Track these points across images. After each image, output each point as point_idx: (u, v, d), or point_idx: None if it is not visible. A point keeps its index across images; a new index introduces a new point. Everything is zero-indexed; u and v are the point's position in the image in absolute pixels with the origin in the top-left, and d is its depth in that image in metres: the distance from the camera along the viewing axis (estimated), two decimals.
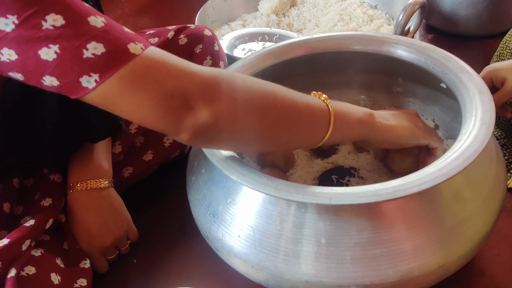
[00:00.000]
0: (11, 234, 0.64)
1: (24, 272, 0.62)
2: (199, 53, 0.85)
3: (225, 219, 0.61)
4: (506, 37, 0.92)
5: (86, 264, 0.70)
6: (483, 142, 0.55)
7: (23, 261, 0.63)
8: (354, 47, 0.79)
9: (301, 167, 0.81)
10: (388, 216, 0.54)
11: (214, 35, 0.89)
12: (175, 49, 0.85)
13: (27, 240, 0.64)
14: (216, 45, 0.87)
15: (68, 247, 0.71)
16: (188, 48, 0.85)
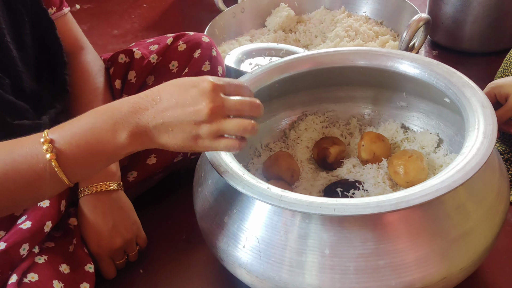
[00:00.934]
0: (8, 238, 0.65)
1: (27, 279, 0.63)
2: (198, 58, 0.86)
3: (230, 229, 0.62)
4: (510, 54, 0.93)
5: (91, 268, 0.71)
6: (485, 155, 0.56)
7: (25, 268, 0.64)
8: (359, 62, 0.80)
9: (306, 180, 0.82)
10: (391, 228, 0.55)
11: (212, 42, 0.90)
12: (175, 54, 0.87)
13: (25, 244, 0.65)
14: (214, 51, 0.89)
15: (73, 248, 0.71)
16: (187, 54, 0.87)
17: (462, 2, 1.20)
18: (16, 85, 0.71)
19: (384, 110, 0.90)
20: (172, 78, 0.84)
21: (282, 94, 0.87)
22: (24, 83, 0.72)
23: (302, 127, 0.90)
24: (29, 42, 0.73)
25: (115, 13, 1.77)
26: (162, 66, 0.86)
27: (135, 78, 0.84)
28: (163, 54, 0.87)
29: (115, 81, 0.84)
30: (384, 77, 0.82)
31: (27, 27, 0.73)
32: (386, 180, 0.78)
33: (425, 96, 0.83)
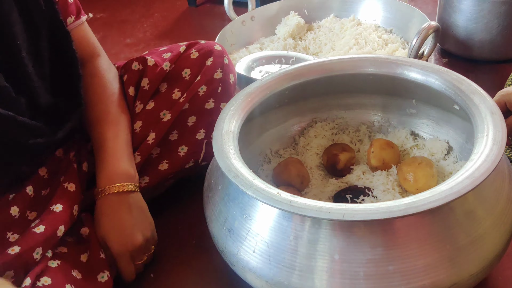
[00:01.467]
0: (22, 241, 0.66)
1: (40, 282, 0.64)
2: (210, 66, 0.88)
3: (240, 234, 0.63)
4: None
5: (104, 278, 0.71)
6: (495, 162, 0.56)
7: (38, 271, 0.65)
8: (369, 69, 0.81)
9: (316, 186, 0.83)
10: (400, 233, 0.55)
11: (224, 50, 0.92)
12: (187, 62, 0.88)
13: (38, 248, 0.66)
14: (226, 59, 0.90)
15: (87, 258, 0.72)
16: (199, 61, 0.88)
17: (472, 10, 1.20)
18: (31, 101, 0.72)
19: (394, 117, 0.90)
20: (185, 86, 0.88)
21: (292, 101, 0.88)
22: (40, 98, 0.73)
23: (311, 133, 0.90)
24: (46, 56, 0.74)
25: (128, 22, 1.80)
26: (175, 73, 0.88)
27: (148, 85, 0.86)
28: (176, 61, 0.88)
29: (129, 88, 0.86)
30: (393, 84, 0.82)
31: (44, 40, 0.74)
32: (396, 186, 0.78)
33: (435, 103, 0.83)
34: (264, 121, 0.87)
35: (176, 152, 0.87)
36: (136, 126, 0.84)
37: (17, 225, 0.70)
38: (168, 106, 0.86)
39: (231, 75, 0.91)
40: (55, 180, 0.77)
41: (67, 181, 0.76)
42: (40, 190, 0.75)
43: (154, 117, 0.85)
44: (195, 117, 0.87)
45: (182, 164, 0.87)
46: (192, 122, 0.87)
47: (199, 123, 0.87)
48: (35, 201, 0.74)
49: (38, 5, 0.72)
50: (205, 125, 0.87)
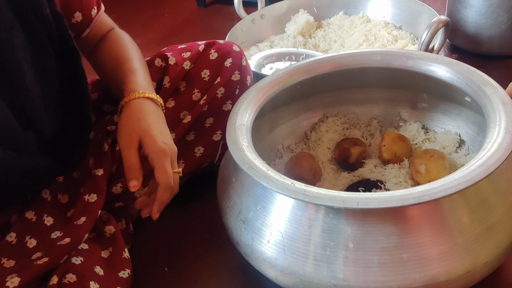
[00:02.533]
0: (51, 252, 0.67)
1: (66, 279, 0.65)
2: (229, 67, 0.88)
3: (255, 225, 0.64)
4: None
5: (125, 274, 0.72)
6: (508, 150, 0.56)
7: (64, 268, 0.66)
8: (379, 62, 0.82)
9: (328, 180, 0.83)
10: (414, 221, 0.56)
11: (242, 51, 0.92)
12: (206, 63, 0.89)
13: (65, 256, 0.68)
14: (243, 61, 0.91)
15: (109, 254, 0.73)
16: (218, 63, 0.89)
17: (481, 5, 1.20)
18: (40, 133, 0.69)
19: (405, 111, 0.90)
20: (204, 86, 0.89)
21: (303, 96, 0.89)
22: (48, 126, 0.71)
23: (323, 128, 0.91)
24: (54, 76, 0.70)
25: (137, 23, 1.81)
26: (194, 73, 0.88)
27: (169, 84, 0.86)
28: (195, 61, 0.89)
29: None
30: (404, 78, 0.83)
31: (52, 60, 0.69)
32: (408, 179, 0.79)
33: (446, 97, 0.83)
34: (275, 116, 0.88)
35: (192, 152, 0.88)
36: None
37: (33, 229, 0.71)
38: (188, 107, 0.87)
39: (248, 76, 0.92)
40: (73, 187, 0.77)
41: (87, 193, 0.76)
42: (57, 194, 0.76)
43: (175, 118, 0.86)
44: (212, 118, 0.88)
45: (198, 165, 0.88)
46: (209, 124, 0.88)
47: (216, 124, 0.88)
48: (52, 206, 0.74)
49: (46, 23, 0.67)
50: (222, 126, 0.86)
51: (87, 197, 0.75)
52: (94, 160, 0.79)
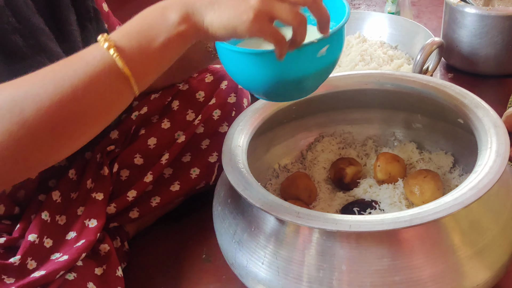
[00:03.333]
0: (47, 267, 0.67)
1: None
2: (225, 90, 0.89)
3: (249, 246, 0.64)
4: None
5: None
6: (498, 173, 0.57)
7: (58, 284, 0.67)
8: (373, 84, 0.83)
9: (323, 200, 0.84)
10: (406, 244, 0.56)
11: None
12: (201, 85, 0.90)
13: (62, 271, 0.68)
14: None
15: (102, 272, 0.73)
16: (214, 85, 0.90)
17: (476, 26, 1.22)
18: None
19: (400, 131, 0.91)
20: (199, 107, 0.89)
21: (299, 116, 0.90)
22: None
23: (319, 148, 0.92)
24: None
25: None
26: (188, 93, 0.89)
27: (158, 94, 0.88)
28: (190, 83, 0.90)
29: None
30: (398, 99, 0.84)
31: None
32: (402, 199, 0.79)
33: (440, 117, 0.84)
34: (272, 136, 0.89)
35: (188, 173, 0.88)
36: (150, 143, 0.86)
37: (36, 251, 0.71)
38: (183, 127, 0.88)
39: (245, 99, 0.93)
40: (70, 208, 0.78)
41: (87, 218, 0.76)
42: (55, 215, 0.76)
43: (169, 138, 0.87)
44: (209, 140, 0.89)
45: (193, 186, 0.89)
46: (205, 145, 0.89)
47: (212, 146, 0.89)
48: (51, 227, 0.74)
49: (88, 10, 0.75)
50: (218, 148, 0.87)
51: (87, 222, 0.76)
52: (93, 183, 0.80)
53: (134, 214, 0.84)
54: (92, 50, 0.51)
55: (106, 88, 0.50)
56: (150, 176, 0.84)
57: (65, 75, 0.49)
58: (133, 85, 0.51)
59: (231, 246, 0.67)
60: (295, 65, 0.56)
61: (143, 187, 0.83)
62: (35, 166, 0.53)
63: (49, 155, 0.52)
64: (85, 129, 0.52)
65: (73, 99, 0.49)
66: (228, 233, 0.68)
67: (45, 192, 0.79)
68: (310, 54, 0.56)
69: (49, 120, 0.48)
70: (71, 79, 0.49)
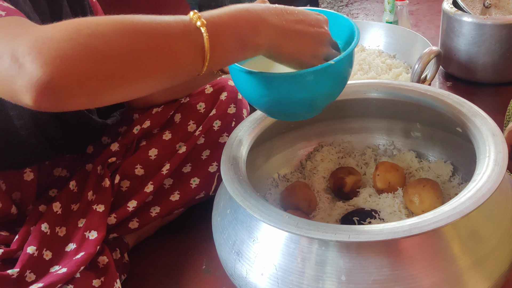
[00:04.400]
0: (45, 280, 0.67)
1: None
2: (224, 100, 0.90)
3: (249, 257, 0.64)
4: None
5: None
6: (496, 182, 0.57)
7: None
8: (372, 94, 0.83)
9: (323, 210, 0.84)
10: (406, 254, 0.56)
11: None
12: (202, 96, 0.90)
13: (60, 284, 0.68)
14: (239, 95, 0.93)
15: (100, 284, 0.73)
16: (214, 96, 0.91)
17: (473, 34, 1.23)
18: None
19: (399, 140, 0.91)
20: (200, 118, 0.90)
21: (299, 125, 0.90)
22: None
23: (318, 157, 0.92)
24: None
25: None
26: (189, 105, 0.90)
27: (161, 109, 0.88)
28: (190, 94, 0.91)
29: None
30: (397, 108, 0.84)
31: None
32: (402, 208, 0.79)
33: (438, 126, 0.84)
34: (271, 146, 0.89)
35: (188, 183, 0.88)
36: (151, 153, 0.86)
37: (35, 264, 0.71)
38: (184, 138, 0.88)
39: (244, 110, 0.93)
40: (71, 219, 0.78)
41: (88, 230, 0.77)
42: (55, 227, 0.76)
43: (170, 149, 0.87)
44: (209, 150, 0.89)
45: (193, 196, 0.89)
46: (206, 156, 0.89)
47: (212, 156, 0.89)
48: (50, 239, 0.75)
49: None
50: (218, 158, 0.88)
51: (87, 233, 0.76)
52: (94, 194, 0.80)
53: (133, 225, 0.84)
54: (183, 20, 0.53)
55: (181, 53, 0.52)
56: (150, 186, 0.84)
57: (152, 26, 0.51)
58: (205, 65, 0.54)
59: (231, 257, 0.66)
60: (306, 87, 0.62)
61: (144, 197, 0.83)
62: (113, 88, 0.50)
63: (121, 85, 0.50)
64: (146, 74, 0.51)
65: (149, 46, 0.50)
66: (227, 244, 0.68)
67: (46, 202, 0.79)
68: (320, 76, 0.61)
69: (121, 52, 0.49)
70: (156, 31, 0.51)
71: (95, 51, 0.47)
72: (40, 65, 0.45)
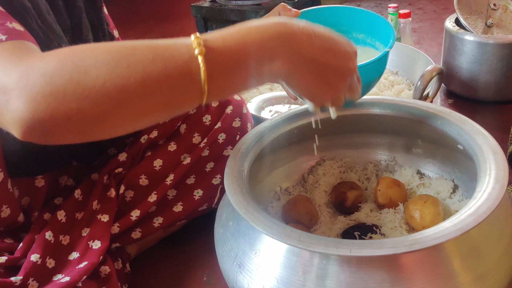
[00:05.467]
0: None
1: None
2: (230, 114, 0.91)
3: (250, 269, 0.64)
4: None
5: None
6: (497, 200, 0.58)
7: None
8: (375, 110, 0.84)
9: (324, 224, 0.84)
10: (406, 269, 0.57)
11: (243, 100, 0.96)
12: (208, 109, 0.92)
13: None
14: (244, 109, 0.94)
15: None
16: (220, 109, 0.92)
17: (475, 53, 1.24)
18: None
19: (400, 156, 0.92)
20: (205, 131, 0.91)
21: (301, 140, 0.91)
22: None
23: (320, 171, 0.93)
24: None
25: None
26: (195, 117, 0.91)
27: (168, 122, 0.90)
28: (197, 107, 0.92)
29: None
30: (399, 125, 0.85)
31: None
32: (403, 224, 0.79)
33: (440, 143, 0.85)
34: (274, 159, 0.90)
35: (191, 195, 0.89)
36: (156, 164, 0.87)
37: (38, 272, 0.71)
38: (189, 150, 0.89)
39: (249, 124, 0.95)
40: (74, 228, 0.79)
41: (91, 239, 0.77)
42: (58, 235, 0.77)
43: (175, 160, 0.88)
44: (213, 163, 0.90)
45: (196, 208, 0.90)
46: (210, 168, 0.90)
47: (216, 168, 0.90)
48: (54, 247, 0.75)
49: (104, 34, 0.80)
50: (221, 170, 0.88)
51: (91, 243, 0.76)
52: (99, 204, 0.81)
53: (136, 235, 0.85)
54: (181, 47, 0.47)
55: (177, 87, 0.47)
56: (154, 196, 0.85)
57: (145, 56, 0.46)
58: (204, 98, 0.49)
59: (232, 269, 0.67)
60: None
61: (147, 207, 0.84)
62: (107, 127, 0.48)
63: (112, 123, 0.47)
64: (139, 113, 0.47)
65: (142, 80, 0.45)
66: (229, 256, 0.68)
67: (51, 211, 0.79)
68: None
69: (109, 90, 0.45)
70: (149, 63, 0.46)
71: (80, 87, 0.43)
72: (23, 102, 0.43)
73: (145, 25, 2.13)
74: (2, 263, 0.70)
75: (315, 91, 0.55)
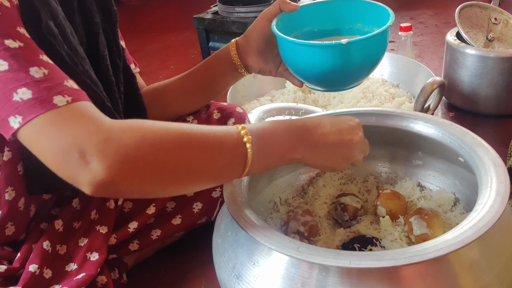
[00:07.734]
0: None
1: None
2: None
3: (248, 281, 0.64)
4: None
5: None
6: (498, 212, 0.57)
7: None
8: (375, 121, 0.84)
9: (324, 236, 0.83)
10: (407, 281, 0.56)
11: (245, 112, 0.96)
12: (210, 121, 0.91)
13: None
14: (246, 121, 0.94)
15: None
16: (222, 122, 0.92)
17: (476, 66, 1.24)
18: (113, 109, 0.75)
19: (401, 169, 0.92)
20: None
21: None
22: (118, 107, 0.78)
23: (320, 183, 0.92)
24: (122, 89, 0.81)
25: (143, 74, 1.86)
26: None
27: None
28: (198, 117, 0.92)
29: None
30: (399, 137, 0.85)
31: (121, 77, 0.82)
32: (403, 237, 0.79)
33: (440, 155, 0.85)
34: (273, 170, 0.89)
35: (190, 208, 0.89)
36: None
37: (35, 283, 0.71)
38: None
39: None
40: (72, 237, 0.78)
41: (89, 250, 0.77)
42: (55, 245, 0.76)
43: None
44: None
45: (195, 220, 0.89)
46: None
47: None
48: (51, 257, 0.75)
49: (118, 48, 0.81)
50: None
51: (88, 254, 0.76)
52: (98, 214, 0.80)
53: (133, 247, 0.84)
54: (232, 138, 0.59)
55: (226, 169, 0.60)
56: (153, 208, 0.84)
57: (211, 146, 0.58)
58: (248, 167, 0.61)
59: (230, 280, 0.66)
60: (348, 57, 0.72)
61: (145, 219, 0.84)
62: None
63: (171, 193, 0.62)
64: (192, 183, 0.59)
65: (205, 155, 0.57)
66: (227, 267, 0.67)
67: (48, 220, 0.79)
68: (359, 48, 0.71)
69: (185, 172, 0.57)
70: (217, 154, 0.58)
71: (157, 160, 0.53)
72: (104, 168, 0.50)
73: (146, 36, 2.14)
74: (1, 272, 0.69)
75: (332, 166, 0.68)
